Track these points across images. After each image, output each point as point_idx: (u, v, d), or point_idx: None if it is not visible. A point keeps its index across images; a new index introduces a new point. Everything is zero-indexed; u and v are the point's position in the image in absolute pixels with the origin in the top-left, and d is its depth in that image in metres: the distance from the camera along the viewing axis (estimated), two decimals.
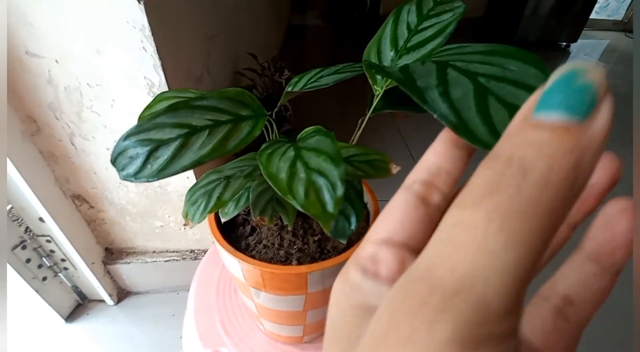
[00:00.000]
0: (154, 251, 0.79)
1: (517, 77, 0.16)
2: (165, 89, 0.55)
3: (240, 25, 1.09)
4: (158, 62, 0.52)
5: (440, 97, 0.15)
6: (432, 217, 0.12)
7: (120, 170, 0.21)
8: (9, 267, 0.63)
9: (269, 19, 1.76)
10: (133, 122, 0.61)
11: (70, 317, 0.77)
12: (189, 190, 0.24)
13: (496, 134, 0.14)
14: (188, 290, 0.86)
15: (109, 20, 0.48)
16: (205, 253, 0.80)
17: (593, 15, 2.89)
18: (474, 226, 0.08)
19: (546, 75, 0.15)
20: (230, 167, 0.26)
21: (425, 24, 0.26)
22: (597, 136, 0.08)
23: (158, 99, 0.25)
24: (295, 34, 2.87)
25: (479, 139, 0.14)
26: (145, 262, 0.77)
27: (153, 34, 0.49)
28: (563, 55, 2.81)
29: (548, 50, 2.84)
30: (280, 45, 2.19)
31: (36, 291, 0.68)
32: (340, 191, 0.17)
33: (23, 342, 0.73)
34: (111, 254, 0.78)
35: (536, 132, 0.09)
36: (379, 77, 0.26)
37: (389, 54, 0.26)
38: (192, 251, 0.79)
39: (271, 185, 0.18)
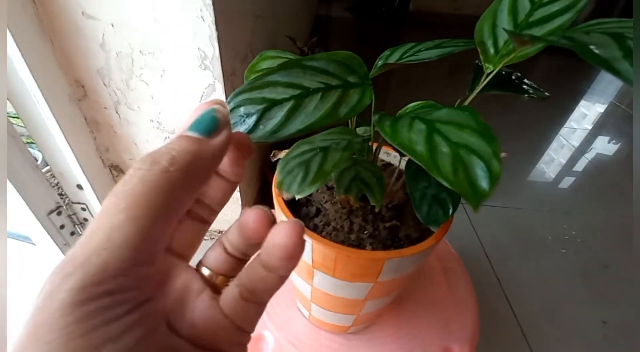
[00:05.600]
0: None
1: None
2: (218, 62, 0.53)
3: (280, 9, 1.07)
4: (214, 34, 0.50)
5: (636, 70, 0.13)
6: None
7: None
8: (43, 231, 0.63)
9: (301, 5, 1.73)
10: (180, 94, 0.59)
11: None
12: (282, 159, 0.23)
13: None
14: None
15: None
16: None
17: None
18: (107, 208, 0.11)
19: None
20: (321, 139, 0.25)
21: None
22: (212, 147, 0.14)
23: (262, 57, 0.23)
24: (321, 25, 2.84)
25: None
26: None
27: (213, 3, 0.47)
28: None
29: None
30: (308, 33, 2.16)
31: None
32: (496, 166, 0.16)
33: None
34: None
35: (181, 140, 0.13)
36: (492, 52, 0.24)
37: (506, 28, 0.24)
38: (220, 232, 0.78)
39: (407, 154, 0.16)
